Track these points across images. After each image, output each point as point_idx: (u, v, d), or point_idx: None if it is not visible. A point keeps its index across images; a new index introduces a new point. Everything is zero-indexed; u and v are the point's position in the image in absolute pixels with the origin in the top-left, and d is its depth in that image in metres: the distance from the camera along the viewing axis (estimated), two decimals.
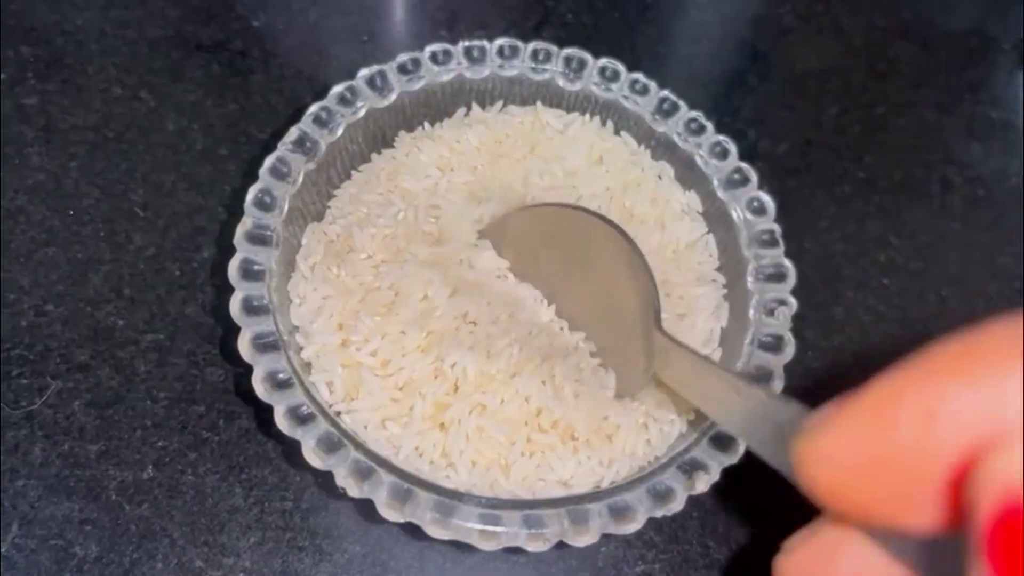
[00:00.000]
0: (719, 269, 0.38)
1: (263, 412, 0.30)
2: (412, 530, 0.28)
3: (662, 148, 0.40)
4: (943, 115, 0.52)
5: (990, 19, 0.56)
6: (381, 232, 0.36)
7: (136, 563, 0.34)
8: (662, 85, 0.40)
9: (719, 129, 0.39)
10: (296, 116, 0.37)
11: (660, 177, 0.40)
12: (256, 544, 0.35)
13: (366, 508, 0.29)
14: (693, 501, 0.30)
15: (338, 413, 0.32)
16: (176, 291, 0.40)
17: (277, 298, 0.33)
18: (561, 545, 0.29)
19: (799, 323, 0.35)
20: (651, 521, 0.30)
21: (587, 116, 0.41)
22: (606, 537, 0.29)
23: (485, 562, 0.35)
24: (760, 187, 0.38)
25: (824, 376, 0.41)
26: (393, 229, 0.37)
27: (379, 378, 0.33)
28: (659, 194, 0.39)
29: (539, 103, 0.41)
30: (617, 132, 0.41)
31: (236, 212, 0.34)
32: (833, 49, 0.54)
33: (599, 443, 0.33)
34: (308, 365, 0.33)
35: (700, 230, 0.39)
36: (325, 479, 0.29)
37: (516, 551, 0.29)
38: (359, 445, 0.30)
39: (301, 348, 0.33)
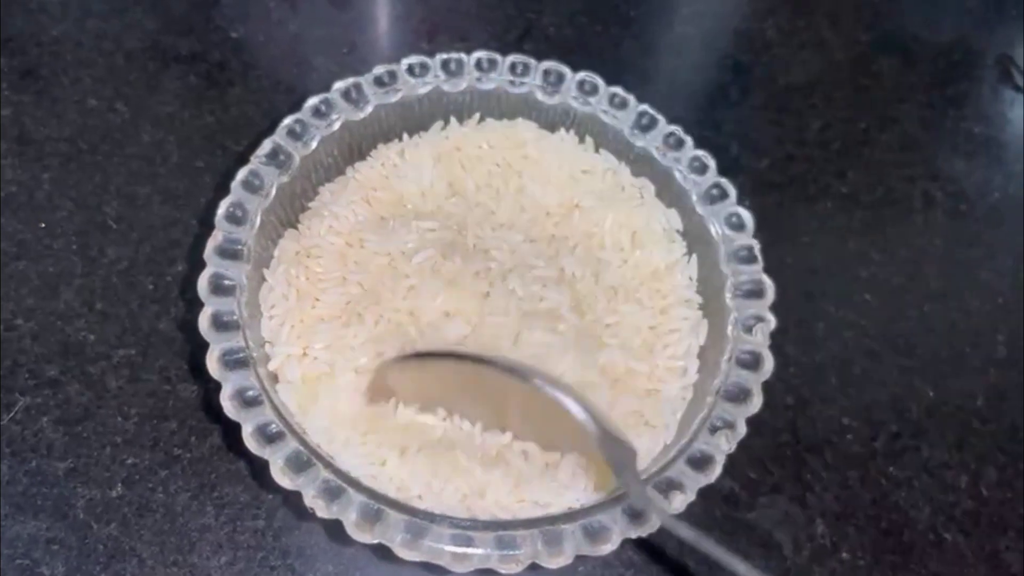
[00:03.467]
0: (699, 287, 0.38)
1: (235, 429, 0.29)
2: (385, 550, 0.28)
3: (640, 163, 0.40)
4: (926, 130, 0.52)
5: (973, 34, 0.56)
6: (342, 240, 0.36)
7: None
8: (644, 99, 0.40)
9: (701, 143, 0.39)
10: (274, 129, 0.37)
11: (642, 195, 0.40)
12: (227, 564, 0.34)
13: (339, 527, 0.28)
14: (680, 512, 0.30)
15: (298, 424, 0.32)
16: (149, 305, 0.40)
17: (248, 312, 0.32)
18: (536, 566, 0.28)
19: (780, 338, 0.34)
20: (630, 539, 0.29)
21: (566, 131, 0.41)
22: (583, 556, 0.29)
23: None
24: (739, 202, 0.37)
25: (805, 392, 0.41)
26: (354, 238, 0.36)
27: (341, 391, 0.33)
28: (639, 214, 0.39)
29: (520, 119, 0.41)
30: (597, 149, 0.41)
31: (211, 225, 0.34)
32: (816, 63, 0.54)
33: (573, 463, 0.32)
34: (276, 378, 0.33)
35: (679, 251, 0.38)
36: (295, 498, 0.28)
37: (490, 572, 0.29)
38: (328, 464, 0.29)
39: (269, 360, 0.33)
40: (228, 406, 0.30)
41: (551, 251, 0.37)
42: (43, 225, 0.41)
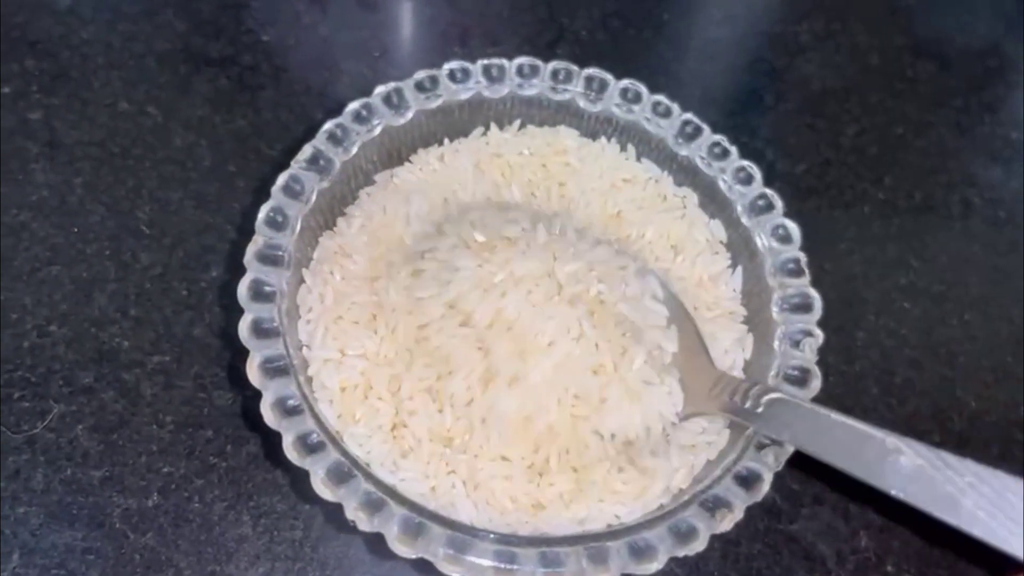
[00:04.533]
0: (744, 299, 0.37)
1: (272, 437, 0.29)
2: (425, 563, 0.27)
3: (684, 172, 0.39)
4: (962, 135, 0.51)
5: (1008, 39, 0.56)
6: (377, 240, 0.36)
7: None
8: (682, 106, 0.39)
9: (737, 149, 0.39)
10: (306, 132, 0.36)
11: (685, 205, 0.39)
12: (264, 574, 0.34)
13: (378, 539, 0.28)
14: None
15: (338, 433, 0.31)
16: (183, 312, 0.39)
17: (288, 320, 0.32)
18: None
19: (820, 348, 0.34)
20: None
21: (607, 140, 0.40)
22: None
23: None
24: (785, 214, 0.37)
25: (847, 402, 0.40)
26: (387, 242, 0.36)
27: (378, 400, 0.32)
28: (681, 224, 0.38)
29: (561, 127, 0.40)
30: (639, 158, 0.40)
31: (245, 231, 0.33)
32: (850, 68, 0.53)
33: (618, 482, 0.32)
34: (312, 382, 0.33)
35: (723, 262, 0.38)
36: (334, 510, 0.28)
37: None
38: (370, 476, 0.29)
39: (308, 365, 0.33)
40: (269, 415, 0.29)
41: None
42: (76, 230, 0.41)
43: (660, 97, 0.39)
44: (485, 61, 0.38)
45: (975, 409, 0.41)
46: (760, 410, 0.30)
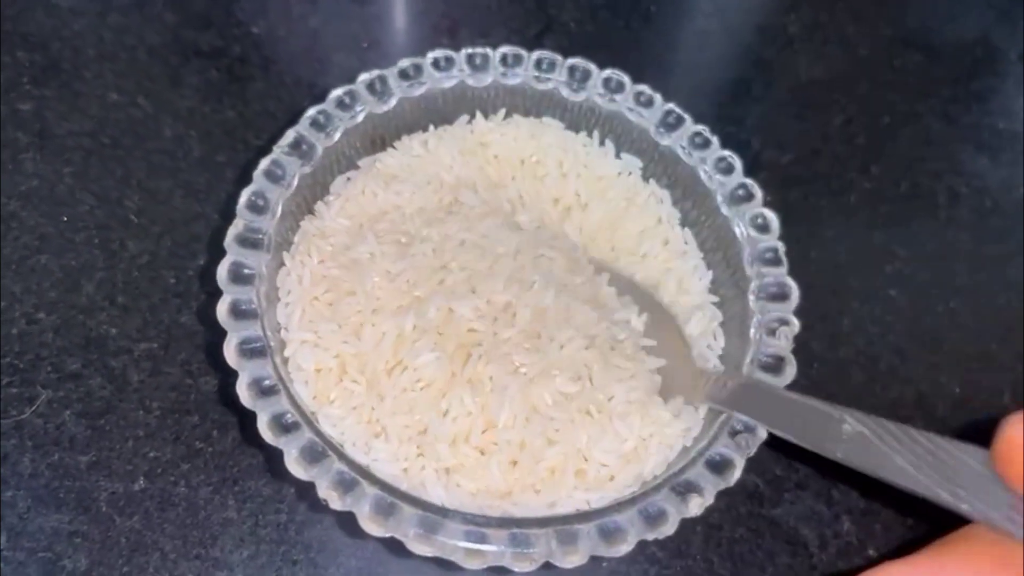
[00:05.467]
0: (722, 290, 0.38)
1: (256, 423, 0.29)
2: (404, 546, 0.28)
3: (665, 162, 0.39)
4: (949, 125, 0.51)
5: (996, 29, 0.56)
6: (354, 223, 0.36)
7: None
8: (666, 95, 0.40)
9: (724, 139, 0.39)
10: (296, 123, 0.37)
11: (661, 201, 0.39)
12: (250, 558, 0.34)
13: (356, 521, 0.28)
14: (697, 517, 0.30)
15: (313, 413, 0.32)
16: (170, 299, 0.40)
17: (267, 302, 0.32)
18: (553, 564, 0.28)
19: (804, 335, 0.34)
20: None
21: (589, 130, 0.41)
22: None
23: None
24: (765, 203, 0.37)
25: (831, 389, 0.40)
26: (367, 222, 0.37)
27: (353, 383, 0.32)
28: (652, 218, 0.39)
29: (545, 117, 0.41)
30: (618, 152, 0.40)
31: (232, 219, 0.33)
32: (839, 58, 0.53)
33: (589, 465, 0.32)
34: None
35: (693, 260, 0.39)
36: (312, 490, 0.28)
37: (507, 570, 0.28)
38: (343, 456, 0.29)
39: (284, 347, 0.33)
40: (244, 395, 0.30)
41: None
42: (65, 219, 0.41)
43: (643, 87, 0.40)
44: (469, 50, 0.39)
45: (959, 396, 0.41)
46: (729, 395, 0.32)
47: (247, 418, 0.36)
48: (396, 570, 0.34)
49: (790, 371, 0.33)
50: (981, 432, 0.39)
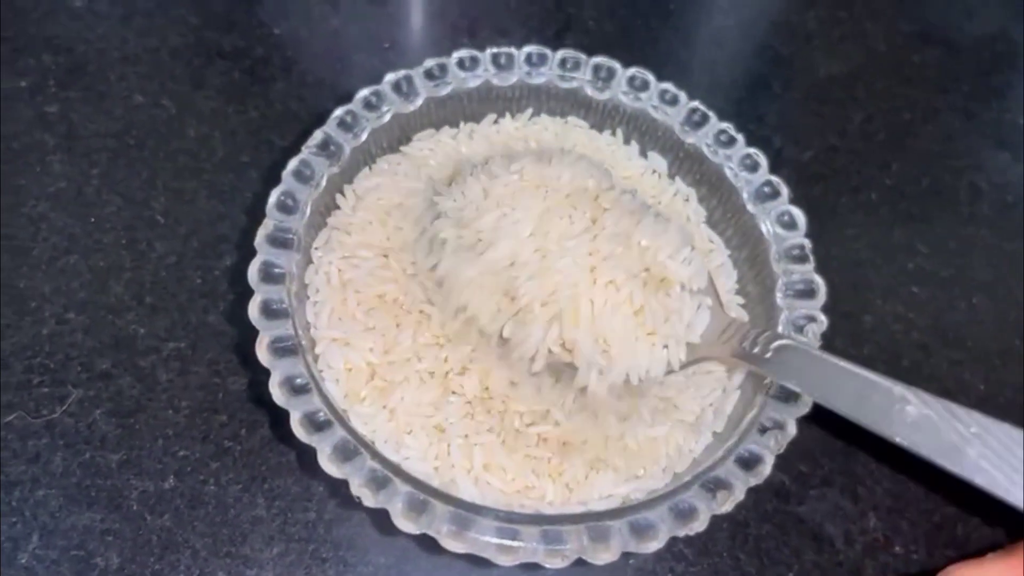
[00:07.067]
0: (749, 287, 0.38)
1: (285, 421, 0.29)
2: (434, 542, 0.28)
3: (691, 160, 0.40)
4: (969, 121, 0.51)
5: (1015, 24, 0.56)
6: (377, 217, 0.36)
7: (158, 574, 0.33)
8: (689, 94, 0.40)
9: (744, 136, 0.39)
10: (317, 122, 0.37)
11: (687, 199, 0.40)
12: (279, 555, 0.34)
13: (389, 519, 0.28)
14: (724, 514, 0.30)
15: (344, 411, 0.32)
16: (198, 299, 0.40)
17: (297, 301, 0.33)
18: (583, 561, 0.28)
19: (828, 332, 0.34)
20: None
21: (614, 128, 0.41)
22: (632, 552, 0.28)
23: None
24: (791, 201, 0.37)
25: None
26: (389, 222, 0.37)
27: (381, 381, 0.33)
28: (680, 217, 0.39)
29: (571, 116, 0.41)
30: (643, 152, 0.40)
31: (258, 219, 0.34)
32: (857, 55, 0.53)
33: (621, 462, 0.32)
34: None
35: (719, 259, 0.39)
36: (346, 492, 0.29)
37: (539, 566, 0.28)
38: (376, 454, 0.29)
39: (315, 345, 0.33)
40: (277, 393, 0.30)
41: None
42: (93, 220, 0.42)
43: (667, 85, 0.40)
44: (494, 49, 0.39)
45: (983, 392, 0.41)
46: (769, 355, 0.31)
47: (276, 417, 0.36)
48: (425, 567, 0.34)
49: None
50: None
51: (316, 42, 0.50)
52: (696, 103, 0.39)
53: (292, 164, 0.35)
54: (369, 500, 0.28)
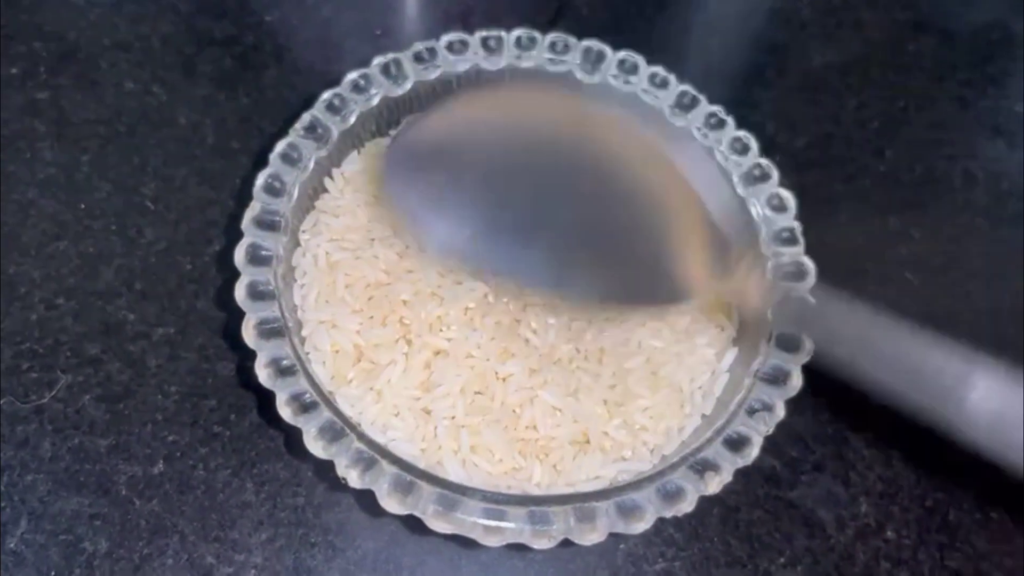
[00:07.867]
0: None
1: (274, 405, 0.29)
2: (423, 527, 0.28)
3: None
4: (965, 109, 0.51)
5: (1011, 12, 0.55)
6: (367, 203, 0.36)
7: (146, 559, 0.33)
8: (680, 80, 0.40)
9: (738, 123, 0.39)
10: (310, 107, 0.37)
11: None
12: (268, 540, 0.34)
13: (378, 505, 0.28)
14: (714, 498, 0.30)
15: (331, 393, 0.32)
16: (187, 285, 0.40)
17: (284, 283, 0.32)
18: (572, 543, 0.28)
19: None
20: (671, 518, 0.29)
21: None
22: (624, 536, 0.28)
23: (500, 558, 0.34)
24: (781, 184, 0.37)
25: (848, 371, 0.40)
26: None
27: (368, 363, 0.33)
28: None
29: None
30: None
31: (247, 205, 0.34)
32: (852, 43, 0.53)
33: (608, 444, 0.32)
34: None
35: None
36: (335, 477, 0.28)
37: (526, 547, 0.28)
38: (362, 435, 0.29)
39: (302, 327, 0.33)
40: (263, 375, 0.30)
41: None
42: (83, 206, 0.42)
43: (657, 68, 0.39)
44: (483, 33, 0.39)
45: None
46: (788, 305, 0.30)
47: (264, 402, 0.36)
48: (414, 551, 0.34)
49: (807, 349, 0.32)
50: None
51: (307, 29, 0.50)
52: (686, 86, 0.39)
53: (279, 146, 0.35)
54: (355, 481, 0.28)
